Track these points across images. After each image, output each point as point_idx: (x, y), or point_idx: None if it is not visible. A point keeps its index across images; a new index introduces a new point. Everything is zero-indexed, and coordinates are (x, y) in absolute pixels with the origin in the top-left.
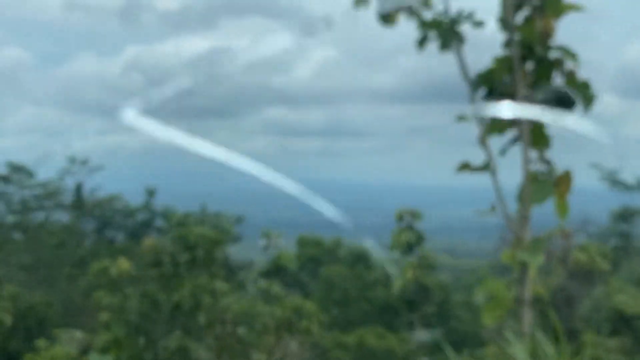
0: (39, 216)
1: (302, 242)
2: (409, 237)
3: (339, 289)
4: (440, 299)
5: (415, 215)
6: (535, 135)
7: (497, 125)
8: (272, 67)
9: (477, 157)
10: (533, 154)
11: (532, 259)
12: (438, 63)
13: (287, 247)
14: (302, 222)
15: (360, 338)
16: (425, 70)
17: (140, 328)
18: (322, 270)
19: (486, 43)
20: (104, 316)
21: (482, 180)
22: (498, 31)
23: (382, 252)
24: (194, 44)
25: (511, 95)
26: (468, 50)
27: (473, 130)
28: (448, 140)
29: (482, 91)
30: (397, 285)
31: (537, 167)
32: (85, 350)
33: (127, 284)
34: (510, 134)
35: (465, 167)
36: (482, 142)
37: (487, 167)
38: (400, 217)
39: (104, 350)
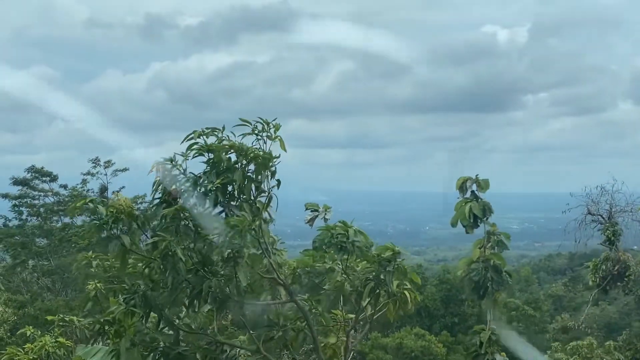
0: (62, 220)
1: None
2: (475, 208)
3: None
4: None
5: (481, 184)
6: None
7: None
8: (291, 80)
9: (492, 164)
10: None
11: None
12: (452, 74)
13: None
14: None
15: (399, 339)
16: (440, 81)
17: None
18: None
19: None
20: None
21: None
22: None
23: (410, 256)
24: (216, 60)
25: None
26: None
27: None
28: (464, 150)
29: None
30: (461, 266)
31: None
32: None
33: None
34: None
35: None
36: None
37: None
38: (462, 187)
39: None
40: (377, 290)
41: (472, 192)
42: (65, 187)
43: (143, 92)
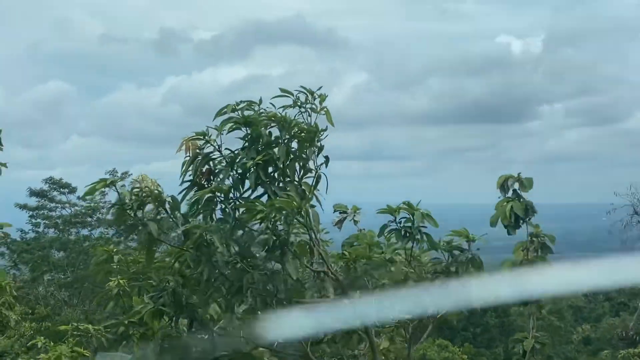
0: (80, 232)
1: None
2: (517, 208)
3: None
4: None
5: (524, 183)
6: None
7: None
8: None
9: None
10: None
11: None
12: (468, 85)
13: None
14: None
15: (422, 351)
16: (455, 92)
17: None
18: None
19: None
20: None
21: None
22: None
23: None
24: (231, 73)
25: None
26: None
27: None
28: (481, 161)
29: None
30: (503, 269)
31: None
32: None
33: None
34: None
35: None
36: None
37: None
38: (503, 185)
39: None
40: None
41: (514, 190)
42: (83, 199)
43: (158, 106)
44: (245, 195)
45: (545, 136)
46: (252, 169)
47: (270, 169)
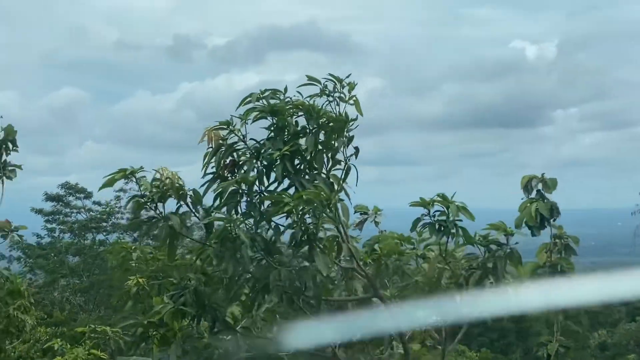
0: (96, 237)
1: None
2: (541, 208)
3: None
4: None
5: (548, 183)
6: None
7: None
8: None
9: None
10: None
11: None
12: (481, 90)
13: None
14: None
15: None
16: (469, 97)
17: None
18: None
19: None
20: None
21: None
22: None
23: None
24: (244, 79)
25: None
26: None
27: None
28: (495, 166)
29: None
30: (526, 271)
31: None
32: None
33: None
34: None
35: None
36: None
37: None
38: (526, 186)
39: None
40: (483, 282)
41: (538, 191)
42: (98, 203)
43: (172, 112)
44: (270, 188)
45: (560, 141)
46: (278, 160)
47: (296, 161)
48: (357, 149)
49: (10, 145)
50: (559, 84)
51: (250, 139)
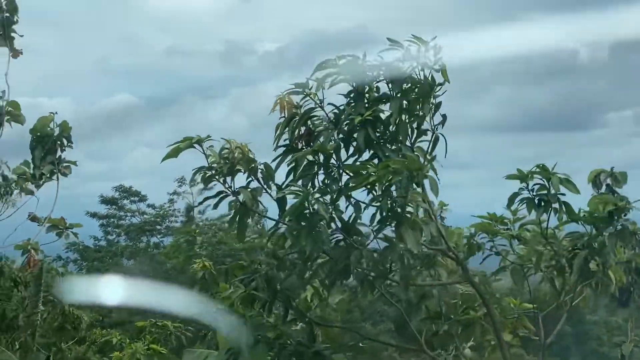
0: (151, 240)
1: None
2: (612, 204)
3: None
4: None
5: (618, 177)
6: None
7: None
8: None
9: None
10: None
11: None
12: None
13: None
14: None
15: None
16: (521, 100)
17: None
18: None
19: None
20: None
21: None
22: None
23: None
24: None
25: None
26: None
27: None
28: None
29: None
30: (621, 256)
31: None
32: None
33: None
34: None
35: None
36: None
37: None
38: (595, 180)
39: None
40: (588, 265)
41: (607, 185)
42: (153, 206)
43: (223, 118)
44: (349, 162)
45: (613, 144)
46: (359, 127)
47: (377, 132)
48: (444, 116)
49: (65, 142)
50: (612, 86)
51: (328, 103)
